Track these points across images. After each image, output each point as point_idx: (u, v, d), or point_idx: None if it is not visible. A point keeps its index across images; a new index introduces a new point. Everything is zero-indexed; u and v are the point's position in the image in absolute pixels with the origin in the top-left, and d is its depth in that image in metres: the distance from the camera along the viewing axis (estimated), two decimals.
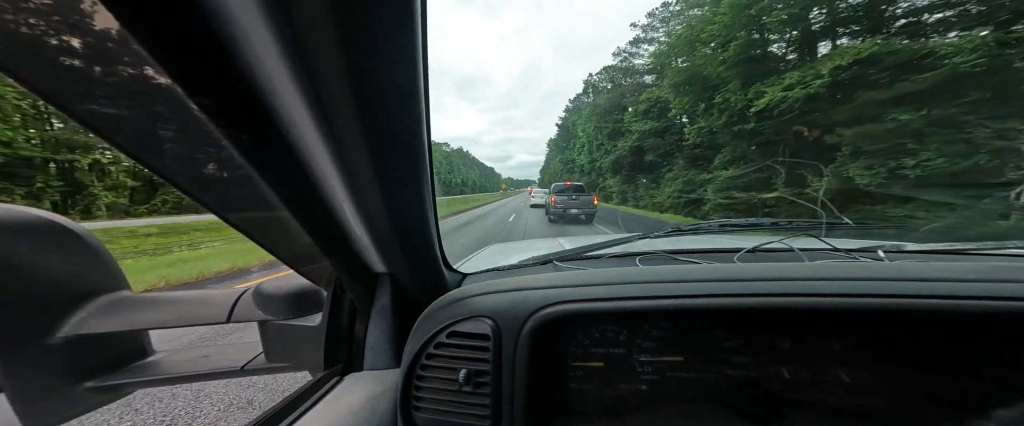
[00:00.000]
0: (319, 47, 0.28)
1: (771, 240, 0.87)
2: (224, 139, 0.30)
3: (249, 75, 0.29)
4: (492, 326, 0.52)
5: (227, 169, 0.36)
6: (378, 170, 0.40)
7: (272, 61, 0.28)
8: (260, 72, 0.29)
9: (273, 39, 0.26)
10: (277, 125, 0.33)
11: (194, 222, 14.40)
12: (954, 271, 0.47)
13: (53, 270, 0.50)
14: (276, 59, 0.27)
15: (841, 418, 0.50)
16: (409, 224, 0.55)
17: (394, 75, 0.34)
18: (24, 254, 0.46)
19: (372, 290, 0.65)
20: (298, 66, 0.28)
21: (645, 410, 0.55)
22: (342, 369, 0.65)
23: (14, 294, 0.45)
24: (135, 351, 0.62)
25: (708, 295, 0.49)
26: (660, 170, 21.94)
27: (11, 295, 0.45)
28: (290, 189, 0.39)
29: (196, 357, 0.63)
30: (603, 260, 0.92)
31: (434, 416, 0.53)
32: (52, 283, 0.50)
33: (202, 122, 0.29)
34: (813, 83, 10.66)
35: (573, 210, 11.65)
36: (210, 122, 0.29)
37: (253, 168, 0.33)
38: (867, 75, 9.42)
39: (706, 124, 16.11)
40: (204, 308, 0.58)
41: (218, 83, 0.28)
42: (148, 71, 0.26)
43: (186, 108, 0.27)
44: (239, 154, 0.32)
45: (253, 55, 0.27)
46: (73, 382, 0.53)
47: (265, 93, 0.30)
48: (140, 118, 0.31)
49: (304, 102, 0.31)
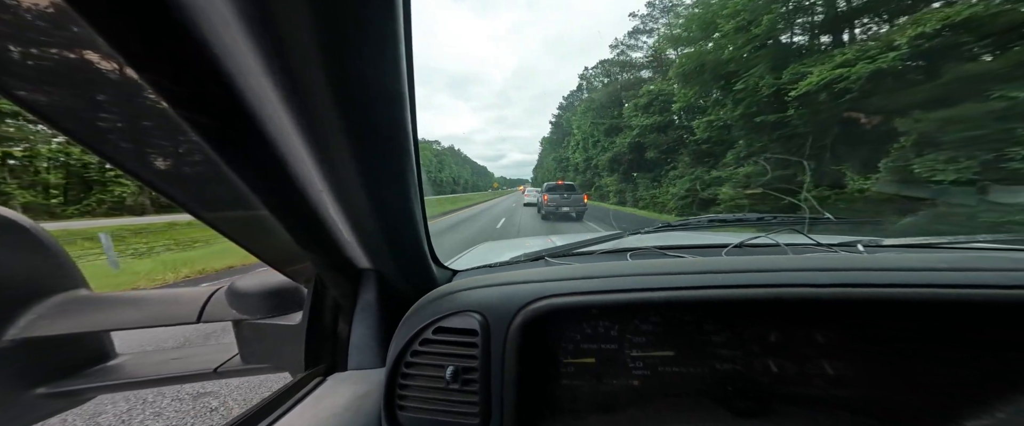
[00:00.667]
0: (295, 42, 0.26)
1: (758, 235, 0.89)
2: (196, 135, 0.28)
3: (221, 68, 0.27)
4: (480, 321, 0.51)
5: (200, 165, 0.33)
6: (361, 166, 0.39)
7: (246, 55, 0.26)
8: (233, 65, 0.27)
9: (247, 32, 0.25)
10: (252, 120, 0.31)
11: (135, 224, 13.51)
12: (927, 262, 0.49)
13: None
14: (250, 53, 0.26)
15: (825, 409, 0.51)
16: (395, 220, 0.53)
17: (375, 72, 0.33)
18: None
19: (356, 287, 0.62)
20: (274, 62, 0.27)
21: (636, 406, 0.54)
22: (325, 369, 0.62)
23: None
24: (95, 354, 0.57)
25: (696, 287, 0.49)
26: (662, 168, 20.48)
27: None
28: (267, 185, 0.37)
29: (165, 359, 0.59)
30: (595, 256, 0.92)
31: (420, 415, 0.51)
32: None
33: (172, 116, 0.27)
34: (882, 57, 8.12)
35: (564, 208, 12.66)
36: (179, 116, 0.27)
37: (226, 164, 0.31)
38: (961, 44, 7.07)
39: (716, 117, 14.01)
40: (172, 307, 0.54)
41: (188, 77, 0.26)
42: (115, 65, 0.24)
43: (156, 103, 0.26)
44: (212, 150, 0.30)
45: (224, 48, 0.26)
46: (22, 388, 0.48)
47: (238, 86, 0.29)
48: (105, 113, 0.29)
49: (281, 98, 0.29)
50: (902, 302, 0.45)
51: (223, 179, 0.33)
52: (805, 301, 0.47)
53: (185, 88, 0.26)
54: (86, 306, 0.52)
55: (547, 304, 0.51)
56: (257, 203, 0.36)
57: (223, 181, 0.33)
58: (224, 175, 0.32)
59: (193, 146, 0.29)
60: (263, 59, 0.26)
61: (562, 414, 0.55)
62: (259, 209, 0.37)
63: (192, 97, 0.27)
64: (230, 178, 0.32)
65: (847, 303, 0.47)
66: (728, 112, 13.19)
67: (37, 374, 0.50)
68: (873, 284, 0.46)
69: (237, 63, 0.27)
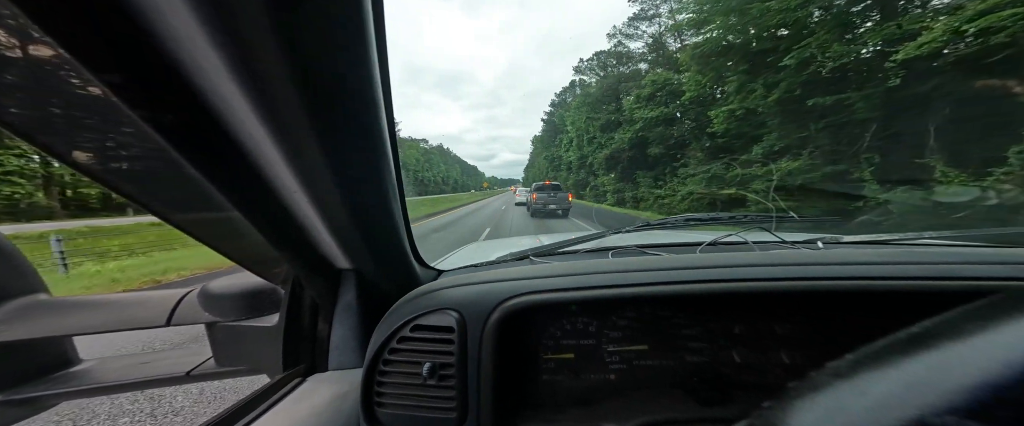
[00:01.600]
0: (256, 38, 0.26)
1: (729, 233, 0.93)
2: (159, 136, 0.27)
3: (179, 66, 0.26)
4: (457, 318, 0.52)
5: (164, 167, 0.33)
6: (334, 165, 0.38)
7: (205, 52, 0.25)
8: (191, 63, 0.26)
9: (205, 29, 0.24)
10: (216, 119, 0.31)
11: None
12: (877, 256, 0.53)
13: None
14: (209, 49, 0.25)
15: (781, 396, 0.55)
16: (373, 219, 0.53)
17: (344, 69, 0.32)
18: None
19: (335, 287, 0.62)
20: (235, 60, 0.26)
21: (612, 399, 0.57)
22: (305, 370, 0.61)
23: None
24: (56, 359, 0.55)
25: (669, 283, 0.52)
26: (667, 165, 18.42)
27: None
28: (236, 186, 0.36)
29: (132, 364, 0.57)
30: (578, 254, 0.94)
31: (398, 411, 0.52)
32: None
33: (131, 117, 0.26)
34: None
35: (551, 205, 14.26)
36: (139, 117, 0.26)
37: (191, 165, 0.30)
38: None
39: (738, 106, 11.61)
40: (139, 311, 0.52)
41: (145, 76, 0.25)
42: (67, 65, 0.23)
43: (115, 103, 0.25)
44: (176, 151, 0.29)
45: (181, 46, 0.25)
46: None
47: (198, 85, 0.28)
48: (58, 113, 0.28)
49: (245, 97, 0.29)
50: (852, 293, 0.49)
51: (189, 181, 0.32)
52: (766, 294, 0.50)
53: (142, 87, 0.25)
54: (46, 311, 0.50)
55: (523, 301, 0.52)
56: (227, 204, 0.35)
57: (189, 183, 0.32)
58: (190, 177, 0.31)
59: (157, 148, 0.28)
60: (224, 57, 0.26)
61: (542, 408, 0.57)
62: (230, 211, 0.37)
63: (150, 97, 0.26)
64: (197, 180, 0.32)
65: (803, 295, 0.51)
66: (756, 99, 10.78)
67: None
68: (827, 277, 0.50)
69: (196, 61, 0.26)
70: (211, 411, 2.04)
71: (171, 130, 0.27)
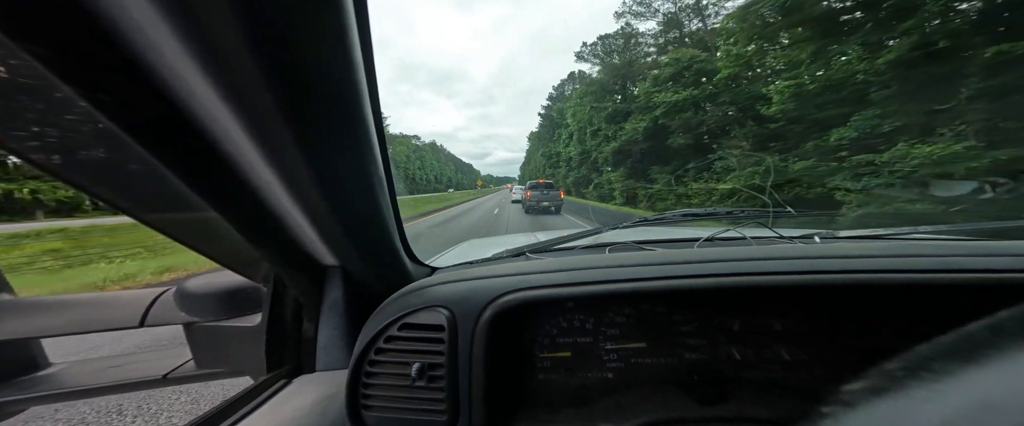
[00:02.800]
0: (213, 23, 0.24)
1: (726, 229, 0.93)
2: (126, 135, 0.25)
3: (141, 61, 0.24)
4: (448, 316, 0.50)
5: (134, 165, 0.30)
6: (314, 159, 0.36)
7: (165, 41, 0.23)
8: (154, 56, 0.24)
9: (167, 22, 0.22)
10: (184, 115, 0.28)
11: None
12: (874, 250, 0.53)
13: None
14: (172, 43, 0.23)
15: (780, 393, 0.54)
16: (360, 214, 0.50)
17: (319, 63, 0.30)
18: None
19: (321, 285, 0.59)
20: (203, 53, 0.24)
21: (609, 397, 0.55)
22: (290, 371, 0.59)
23: None
24: (23, 363, 0.52)
25: (666, 278, 0.51)
26: (692, 158, 14.92)
27: None
28: (211, 184, 0.34)
29: (105, 367, 0.54)
30: (575, 251, 0.93)
31: (386, 414, 0.50)
32: None
33: (95, 115, 0.24)
34: None
35: (544, 203, 14.99)
36: (104, 115, 0.24)
37: (163, 164, 0.28)
38: None
39: (809, 79, 8.59)
40: (110, 311, 0.49)
41: (96, 64, 0.23)
42: (34, 66, 0.21)
43: (79, 105, 0.23)
44: (146, 151, 0.27)
45: (133, 28, 0.23)
46: None
47: (154, 71, 0.25)
48: (27, 118, 0.26)
49: (214, 90, 0.27)
50: (850, 287, 0.49)
51: (161, 179, 0.29)
52: (763, 289, 0.49)
53: (100, 80, 0.23)
54: (9, 312, 0.47)
55: (517, 298, 0.50)
56: (201, 203, 0.33)
57: (161, 181, 0.30)
58: (161, 175, 0.29)
59: (125, 147, 0.26)
60: (188, 48, 0.24)
61: (537, 408, 0.55)
62: (205, 209, 0.34)
63: (109, 90, 0.24)
64: (168, 178, 0.29)
65: (801, 290, 0.50)
66: (845, 67, 7.88)
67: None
68: (823, 271, 0.49)
69: (159, 52, 0.24)
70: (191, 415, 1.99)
71: (135, 125, 0.25)
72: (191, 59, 0.25)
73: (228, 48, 0.25)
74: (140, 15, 0.22)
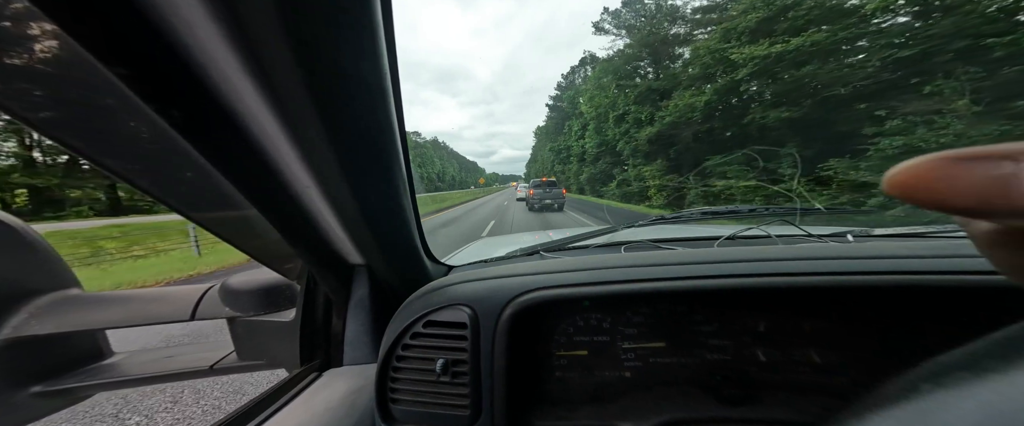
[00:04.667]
0: (265, 36, 0.26)
1: (749, 227, 0.90)
2: (179, 136, 0.28)
3: (193, 64, 0.27)
4: (470, 314, 0.51)
5: (186, 166, 0.33)
6: (345, 162, 0.39)
7: (218, 50, 0.26)
8: (206, 61, 0.27)
9: (218, 27, 0.24)
10: (231, 117, 0.31)
11: None
12: (913, 250, 0.50)
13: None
14: (223, 48, 0.26)
15: (811, 396, 0.52)
16: (384, 215, 0.53)
17: (353, 66, 0.32)
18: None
19: (348, 283, 0.63)
20: (248, 58, 0.27)
21: (627, 396, 0.55)
22: (320, 365, 0.62)
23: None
24: (89, 352, 0.57)
25: (687, 278, 0.50)
26: (809, 135, 9.86)
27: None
28: (253, 183, 0.37)
29: (159, 357, 0.59)
30: (589, 250, 0.93)
31: (412, 408, 0.52)
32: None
33: (153, 118, 0.26)
34: None
35: (547, 201, 15.08)
36: (158, 115, 0.26)
37: (211, 163, 0.31)
38: None
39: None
40: (164, 306, 0.54)
41: (160, 76, 0.26)
42: (96, 71, 0.24)
43: (138, 107, 0.26)
44: (195, 150, 0.30)
45: (196, 44, 0.25)
46: (17, 387, 0.49)
47: (213, 82, 0.28)
48: (96, 122, 0.30)
49: (258, 94, 0.29)
50: (888, 288, 0.46)
51: (208, 179, 0.33)
52: (793, 290, 0.48)
53: (155, 83, 0.26)
54: (77, 306, 0.52)
55: (535, 297, 0.51)
56: (244, 201, 0.36)
57: (208, 181, 0.33)
58: (209, 175, 0.32)
59: (178, 148, 0.29)
60: (236, 55, 0.26)
61: (554, 406, 0.56)
62: (247, 208, 0.37)
63: (163, 93, 0.26)
64: (214, 177, 0.32)
65: (835, 291, 0.48)
66: None
67: (31, 373, 0.50)
68: (860, 272, 0.47)
69: (208, 56, 0.26)
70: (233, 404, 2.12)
71: (186, 127, 0.28)
72: (244, 74, 0.27)
73: (276, 61, 0.27)
74: (205, 37, 0.25)
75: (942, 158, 0.12)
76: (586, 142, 31.32)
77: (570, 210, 15.02)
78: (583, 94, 33.63)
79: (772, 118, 10.68)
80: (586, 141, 31.25)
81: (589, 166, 30.55)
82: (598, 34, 27.22)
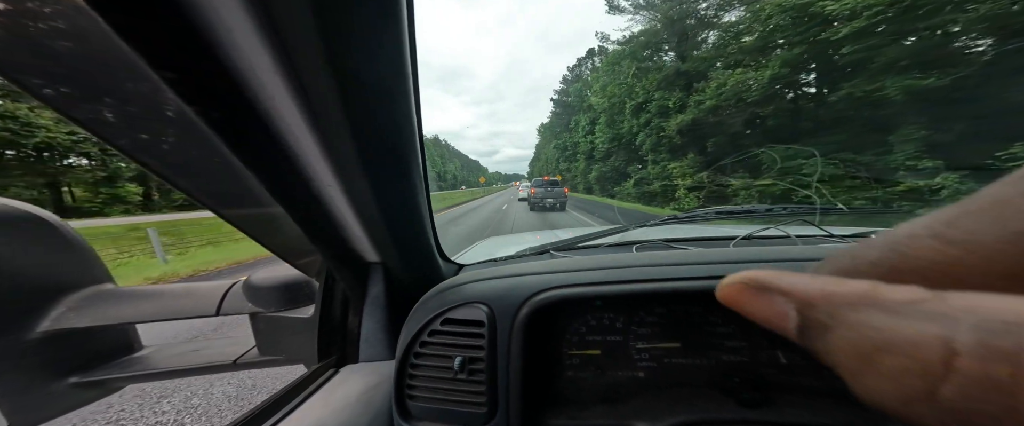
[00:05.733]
0: (302, 43, 0.27)
1: (767, 227, 0.87)
2: (214, 134, 0.29)
3: (233, 68, 0.28)
4: (487, 312, 0.52)
5: (218, 165, 0.35)
6: (368, 161, 0.40)
7: (257, 55, 0.27)
8: (245, 65, 0.28)
9: (257, 33, 0.26)
10: (264, 118, 0.32)
11: None
12: None
13: (30, 263, 0.48)
14: (261, 53, 0.27)
15: (832, 399, 0.50)
16: (401, 213, 0.54)
17: (379, 71, 0.33)
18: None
19: (364, 280, 0.64)
20: (283, 62, 0.28)
21: (641, 396, 0.55)
22: (337, 361, 0.64)
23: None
24: (122, 345, 0.60)
25: (702, 278, 0.49)
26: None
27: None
28: (280, 181, 0.38)
29: (186, 352, 0.62)
30: (600, 249, 0.92)
31: (430, 404, 0.53)
32: (29, 276, 0.48)
33: (190, 117, 0.28)
34: None
35: (548, 200, 14.82)
36: (196, 115, 0.28)
37: (242, 162, 0.33)
38: None
39: None
40: (191, 301, 0.56)
41: (202, 78, 0.27)
42: (142, 74, 0.26)
43: (175, 105, 0.27)
44: (228, 149, 0.31)
45: (236, 50, 0.27)
46: (56, 378, 0.51)
47: (250, 86, 0.29)
48: (137, 121, 0.31)
49: (291, 97, 0.30)
50: None
51: (240, 178, 0.34)
52: None
53: (198, 85, 0.27)
54: (111, 300, 0.55)
55: (551, 296, 0.51)
56: (269, 199, 0.37)
57: (240, 180, 0.34)
58: (241, 174, 0.33)
59: (212, 146, 0.30)
60: (273, 59, 0.27)
61: (566, 405, 0.56)
62: (272, 205, 0.39)
63: (205, 95, 0.28)
64: (246, 177, 0.33)
65: None
66: None
67: (69, 364, 0.52)
68: None
69: (249, 64, 0.28)
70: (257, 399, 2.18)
71: (223, 128, 0.29)
72: (277, 76, 0.28)
73: (307, 64, 0.28)
74: (243, 43, 0.26)
75: (746, 280, 0.15)
76: (596, 137, 28.63)
77: (573, 210, 15.08)
78: (594, 83, 30.87)
79: (895, 89, 6.83)
80: (596, 136, 28.35)
81: (599, 163, 28.19)
82: (612, 13, 23.65)
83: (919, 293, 0.10)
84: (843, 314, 0.11)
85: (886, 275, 0.12)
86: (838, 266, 0.14)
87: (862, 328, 0.11)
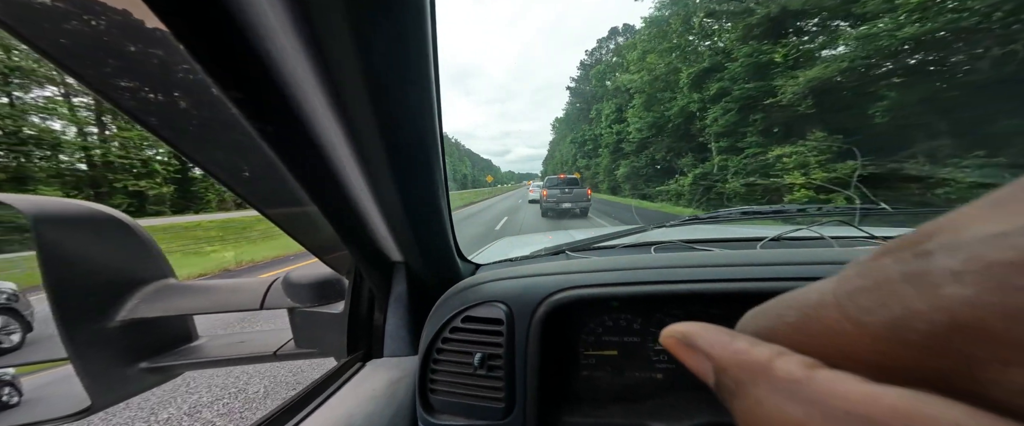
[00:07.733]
0: (334, 45, 0.30)
1: (798, 228, 0.83)
2: (260, 139, 0.33)
3: (273, 71, 0.31)
4: (506, 311, 0.54)
5: (262, 167, 0.39)
6: (392, 161, 0.43)
7: (294, 59, 0.30)
8: (289, 75, 0.32)
9: (294, 36, 0.29)
10: (303, 125, 0.36)
11: None
12: None
13: (111, 258, 0.56)
14: (298, 56, 0.30)
15: None
16: (423, 214, 0.57)
17: (406, 71, 0.36)
18: (87, 244, 0.52)
19: (389, 278, 0.68)
20: (318, 63, 0.31)
21: (658, 397, 0.54)
22: (364, 355, 0.68)
23: (80, 279, 0.51)
24: (182, 335, 0.67)
25: (726, 280, 0.48)
26: None
27: (78, 280, 0.51)
28: (316, 183, 0.42)
29: (234, 343, 0.68)
30: (617, 249, 0.91)
31: (450, 398, 0.55)
32: (111, 270, 0.56)
33: (238, 119, 0.32)
34: None
35: (565, 204, 10.15)
36: (242, 116, 0.32)
37: (284, 165, 0.37)
38: None
39: None
40: (239, 295, 0.62)
41: (246, 80, 0.31)
42: (197, 77, 0.30)
43: (226, 107, 0.31)
44: (273, 153, 0.35)
45: (277, 52, 0.30)
46: (130, 361, 0.58)
47: (289, 89, 0.33)
48: (197, 125, 0.37)
49: (327, 105, 0.34)
50: None
51: (283, 182, 0.38)
52: None
53: (259, 107, 0.31)
54: (173, 293, 0.62)
55: (568, 295, 0.52)
56: (307, 200, 0.41)
57: (283, 183, 0.39)
58: (285, 178, 0.37)
59: (258, 151, 0.35)
60: (312, 71, 0.31)
61: (583, 403, 0.56)
62: (309, 205, 0.43)
63: (261, 110, 0.32)
64: (288, 181, 0.38)
65: None
66: None
67: (140, 351, 0.60)
68: None
69: (295, 77, 0.31)
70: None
71: (274, 137, 0.33)
72: (317, 84, 0.32)
73: (344, 77, 0.32)
74: (294, 66, 0.30)
75: (678, 335, 0.16)
76: (630, 124, 22.35)
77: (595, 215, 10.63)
78: (629, 54, 23.87)
79: None
80: (631, 122, 22.05)
81: (627, 160, 22.52)
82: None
83: (800, 372, 0.11)
84: (744, 386, 0.12)
85: (798, 342, 0.12)
86: (760, 326, 0.15)
87: (753, 401, 0.11)
